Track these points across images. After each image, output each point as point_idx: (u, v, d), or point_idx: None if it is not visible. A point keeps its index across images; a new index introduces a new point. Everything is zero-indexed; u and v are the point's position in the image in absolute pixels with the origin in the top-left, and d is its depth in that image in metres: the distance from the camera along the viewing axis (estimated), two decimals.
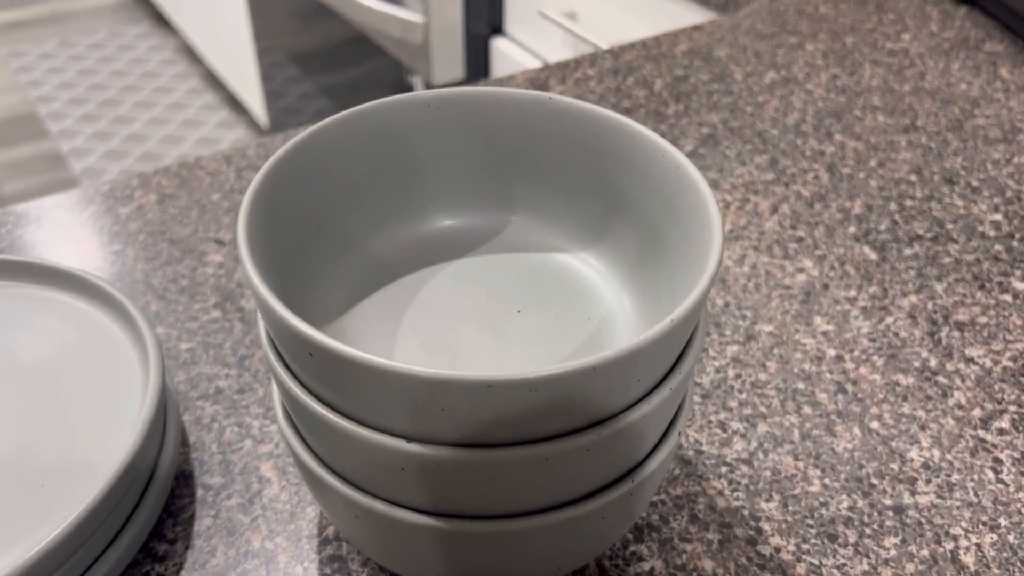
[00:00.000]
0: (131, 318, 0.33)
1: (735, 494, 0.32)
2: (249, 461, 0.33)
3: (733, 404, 0.36)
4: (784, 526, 0.31)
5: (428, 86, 1.11)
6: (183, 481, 0.33)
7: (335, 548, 0.31)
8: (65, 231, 0.45)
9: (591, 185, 0.31)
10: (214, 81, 2.30)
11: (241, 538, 0.31)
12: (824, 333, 0.39)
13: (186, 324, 0.39)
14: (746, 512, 0.32)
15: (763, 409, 0.36)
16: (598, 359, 0.21)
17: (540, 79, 0.58)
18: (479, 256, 0.31)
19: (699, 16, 0.79)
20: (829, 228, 0.46)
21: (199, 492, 0.32)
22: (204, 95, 2.25)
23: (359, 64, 1.37)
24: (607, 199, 0.30)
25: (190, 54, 2.42)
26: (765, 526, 0.31)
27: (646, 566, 0.30)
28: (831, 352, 0.38)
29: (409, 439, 0.23)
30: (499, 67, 1.08)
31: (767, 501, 0.32)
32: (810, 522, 0.32)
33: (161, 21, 2.59)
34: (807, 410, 0.36)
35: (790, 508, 0.32)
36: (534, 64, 1.02)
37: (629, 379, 0.22)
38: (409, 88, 1.16)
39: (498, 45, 1.07)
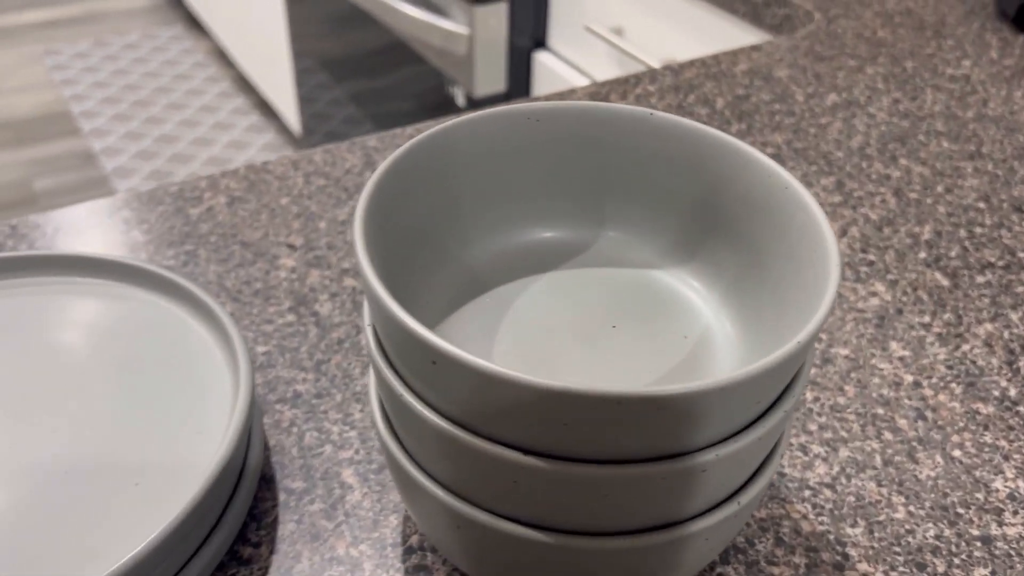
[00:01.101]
0: (219, 321, 0.33)
1: (820, 518, 0.32)
2: (330, 467, 0.33)
3: (813, 427, 0.36)
4: (871, 552, 0.31)
5: (469, 98, 1.11)
6: (265, 484, 0.33)
7: (420, 558, 0.31)
8: (136, 230, 0.45)
9: (688, 202, 0.31)
10: (245, 85, 2.32)
11: (325, 544, 0.31)
12: (900, 358, 0.39)
13: (261, 327, 0.39)
14: (832, 537, 0.32)
15: (843, 433, 0.35)
16: (730, 379, 0.21)
17: (600, 94, 0.58)
18: (572, 269, 0.31)
19: (750, 36, 0.79)
20: (900, 253, 0.45)
21: (281, 496, 0.32)
22: (235, 98, 2.27)
23: (391, 72, 1.38)
24: (705, 217, 0.30)
25: (222, 57, 2.44)
26: (852, 552, 0.31)
27: None
28: (909, 378, 0.38)
29: (526, 451, 0.23)
30: (541, 81, 1.08)
31: (852, 527, 0.32)
32: (897, 550, 0.31)
33: (194, 24, 2.61)
34: (888, 436, 0.35)
35: (876, 535, 0.32)
36: (577, 79, 1.02)
37: (751, 400, 0.22)
38: (451, 98, 1.16)
39: (541, 59, 1.07)
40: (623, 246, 0.32)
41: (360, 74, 1.55)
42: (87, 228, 0.45)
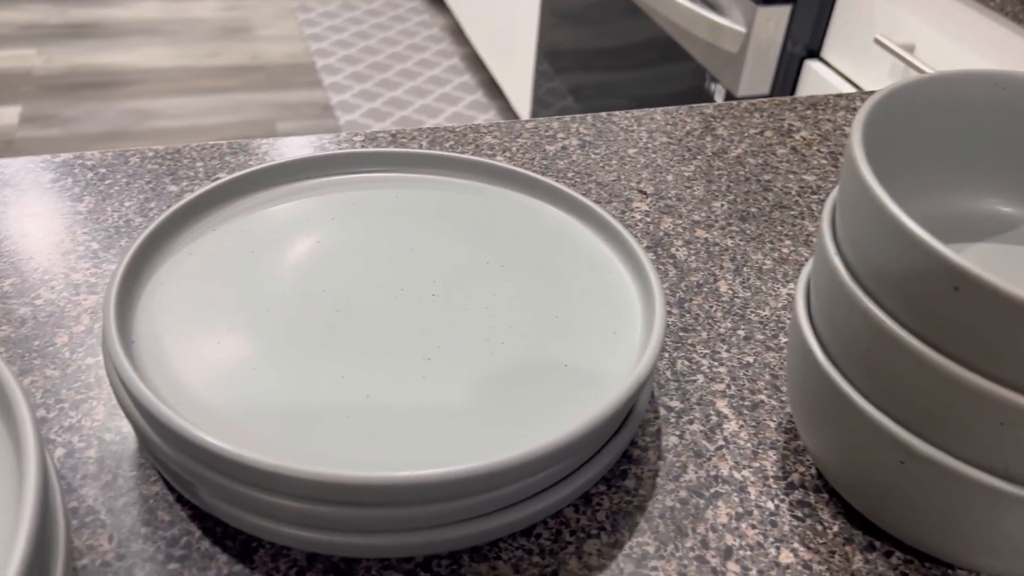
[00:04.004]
0: (626, 243, 0.35)
1: None
2: (704, 394, 0.35)
3: None
4: None
5: (728, 97, 1.11)
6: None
7: (802, 494, 0.31)
8: (500, 155, 0.48)
9: None
10: (474, 64, 2.41)
11: (709, 462, 0.32)
12: None
13: None
14: None
15: None
16: None
17: None
18: (1003, 244, 0.31)
19: None
20: None
21: (661, 411, 0.34)
22: (463, 75, 2.36)
23: (612, 71, 1.40)
24: None
25: (456, 34, 2.55)
26: None
27: None
28: None
29: None
30: (806, 90, 1.06)
31: None
32: None
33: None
34: None
35: None
36: (846, 90, 0.99)
37: None
38: (709, 94, 1.16)
39: (812, 67, 1.05)
40: None
41: (589, 67, 1.58)
42: (458, 147, 0.49)
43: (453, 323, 0.32)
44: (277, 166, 0.37)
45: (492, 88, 2.30)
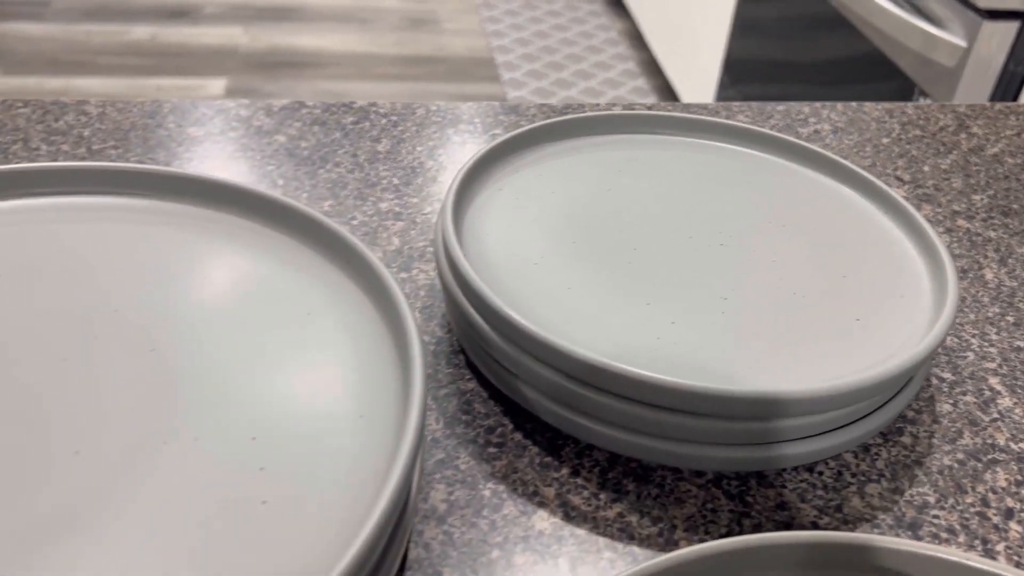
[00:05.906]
0: (911, 218, 0.36)
1: None
2: (975, 370, 0.35)
3: None
4: None
5: None
6: None
7: None
8: None
9: None
10: (649, 68, 2.42)
11: (984, 432, 0.33)
12: None
13: None
14: None
15: None
16: None
17: None
18: None
19: None
20: None
21: (934, 381, 0.35)
22: (637, 79, 2.38)
23: (796, 83, 1.37)
24: None
25: (633, 39, 2.57)
26: None
27: None
28: None
29: None
30: None
31: None
32: None
33: (614, 3, 2.77)
34: None
35: None
36: None
37: None
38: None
39: None
40: None
41: (772, 79, 1.56)
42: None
43: (743, 270, 0.34)
44: (572, 120, 0.41)
45: (666, 94, 2.30)
